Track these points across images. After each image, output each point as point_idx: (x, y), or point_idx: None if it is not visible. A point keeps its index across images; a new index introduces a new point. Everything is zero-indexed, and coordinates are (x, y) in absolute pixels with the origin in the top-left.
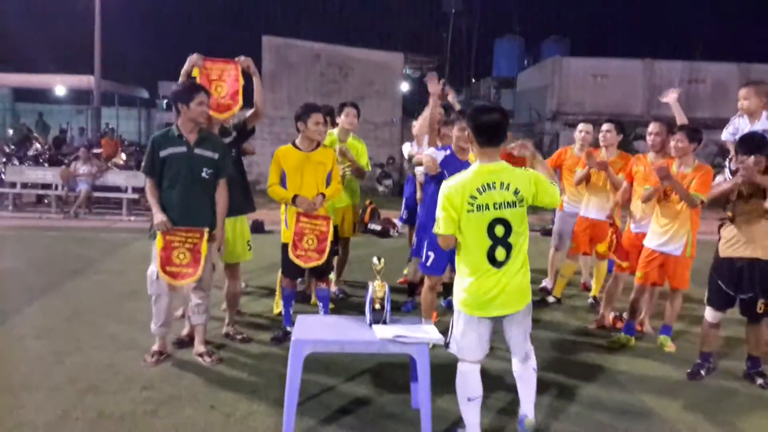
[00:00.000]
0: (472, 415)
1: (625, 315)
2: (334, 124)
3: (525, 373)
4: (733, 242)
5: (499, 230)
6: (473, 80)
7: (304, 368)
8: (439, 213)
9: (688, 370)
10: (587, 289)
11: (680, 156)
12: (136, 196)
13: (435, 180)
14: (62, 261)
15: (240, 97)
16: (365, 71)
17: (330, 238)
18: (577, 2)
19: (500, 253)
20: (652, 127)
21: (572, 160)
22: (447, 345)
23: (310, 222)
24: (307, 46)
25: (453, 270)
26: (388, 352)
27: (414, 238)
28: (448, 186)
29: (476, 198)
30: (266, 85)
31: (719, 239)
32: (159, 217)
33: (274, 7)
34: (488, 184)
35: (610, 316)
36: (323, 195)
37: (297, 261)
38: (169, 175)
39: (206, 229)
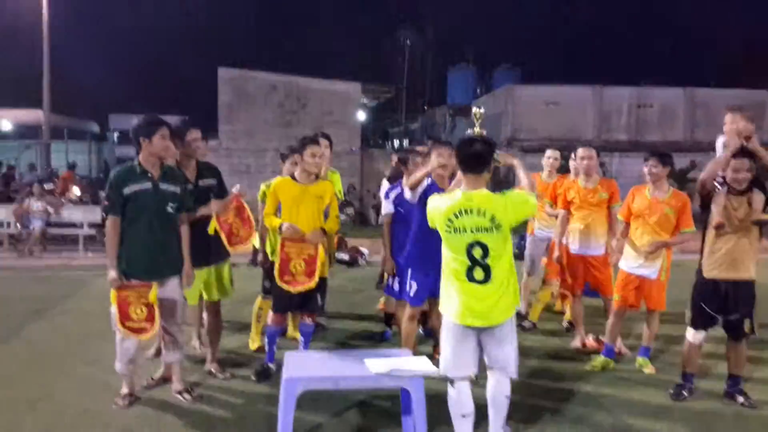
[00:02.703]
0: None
1: (602, 337)
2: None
3: (497, 398)
4: (719, 263)
5: (477, 252)
6: (426, 108)
7: None
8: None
9: (671, 391)
10: (562, 313)
11: (654, 181)
12: (92, 231)
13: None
14: (20, 302)
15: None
16: (323, 101)
17: (321, 260)
18: (526, 31)
19: (478, 273)
20: (583, 152)
21: (541, 186)
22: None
23: (296, 246)
24: (264, 77)
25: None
26: (382, 387)
27: (388, 277)
28: (431, 205)
29: (452, 221)
30: (223, 118)
31: (701, 257)
32: (111, 274)
33: (229, 38)
34: (465, 210)
35: (589, 338)
36: (323, 230)
37: (285, 286)
38: (134, 212)
39: (154, 284)
